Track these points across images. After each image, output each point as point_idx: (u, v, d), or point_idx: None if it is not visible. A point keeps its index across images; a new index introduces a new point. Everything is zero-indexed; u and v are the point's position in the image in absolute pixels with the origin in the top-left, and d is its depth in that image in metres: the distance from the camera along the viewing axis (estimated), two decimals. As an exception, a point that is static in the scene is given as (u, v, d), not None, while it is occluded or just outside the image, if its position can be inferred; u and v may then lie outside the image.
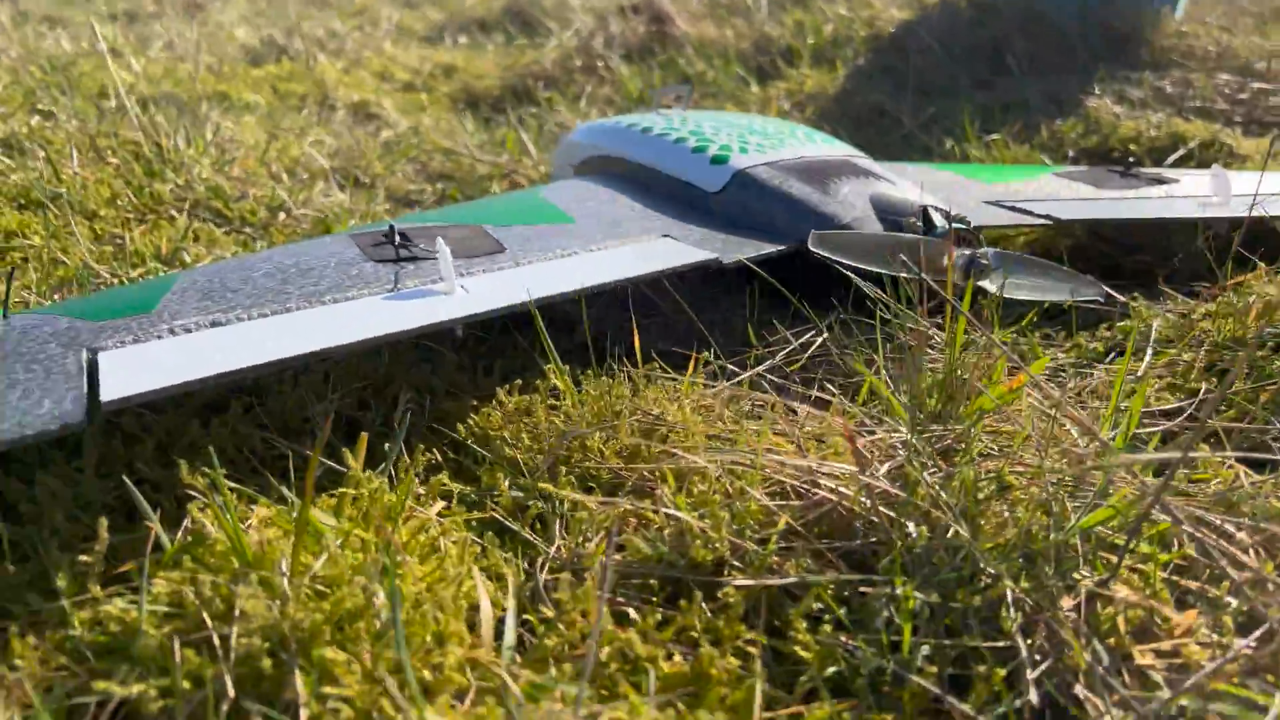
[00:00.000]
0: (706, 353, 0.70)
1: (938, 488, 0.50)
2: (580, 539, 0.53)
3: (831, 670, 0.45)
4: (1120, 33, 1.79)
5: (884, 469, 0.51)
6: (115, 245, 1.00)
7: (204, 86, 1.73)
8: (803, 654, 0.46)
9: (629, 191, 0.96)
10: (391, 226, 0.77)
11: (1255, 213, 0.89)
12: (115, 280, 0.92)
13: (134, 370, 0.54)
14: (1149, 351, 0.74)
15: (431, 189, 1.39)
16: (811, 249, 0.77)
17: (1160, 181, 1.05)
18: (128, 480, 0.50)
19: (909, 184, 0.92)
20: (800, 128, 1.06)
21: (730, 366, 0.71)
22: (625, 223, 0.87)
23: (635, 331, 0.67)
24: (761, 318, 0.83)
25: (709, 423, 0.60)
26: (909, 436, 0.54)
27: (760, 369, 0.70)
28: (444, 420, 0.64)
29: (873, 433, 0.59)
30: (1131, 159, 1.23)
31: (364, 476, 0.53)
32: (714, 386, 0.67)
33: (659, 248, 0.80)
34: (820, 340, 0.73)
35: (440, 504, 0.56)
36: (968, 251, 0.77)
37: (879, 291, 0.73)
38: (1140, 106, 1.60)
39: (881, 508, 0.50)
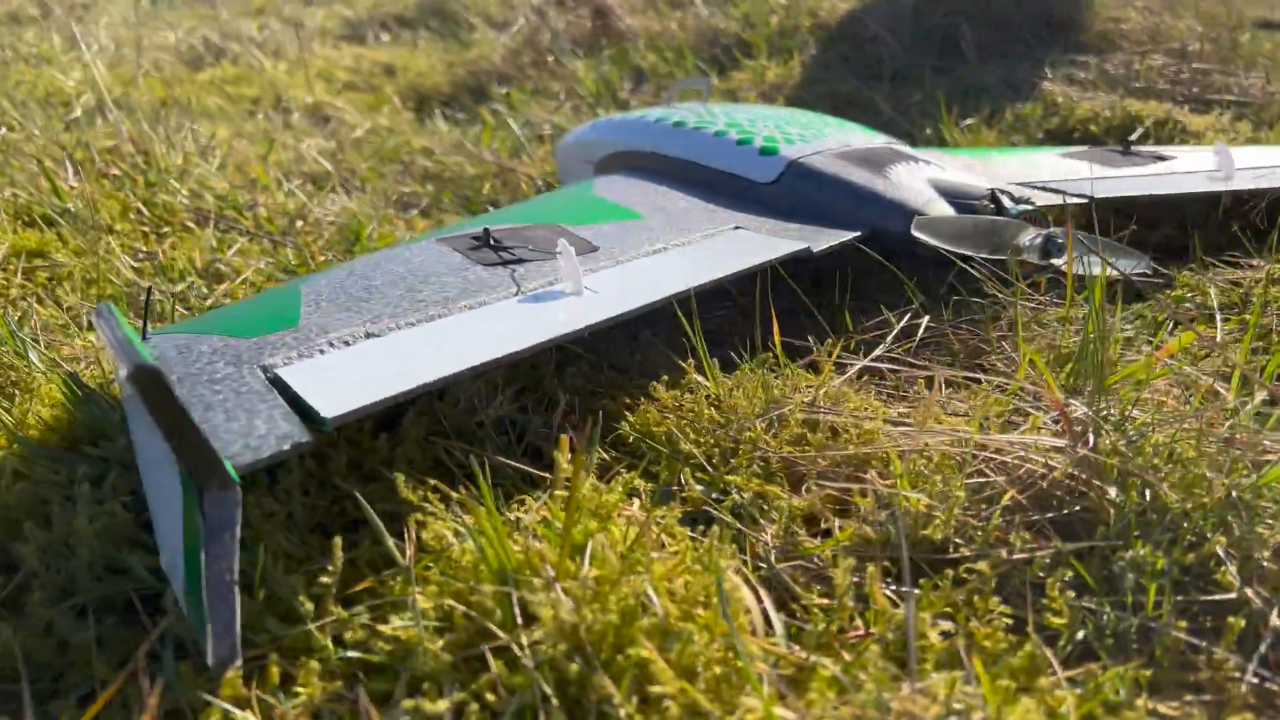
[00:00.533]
0: (831, 340, 0.71)
1: (1131, 455, 0.53)
2: (785, 526, 0.54)
3: (1080, 634, 0.48)
4: (1059, 17, 1.87)
5: (1091, 441, 0.54)
6: (142, 260, 0.96)
7: (156, 92, 1.66)
8: (1055, 621, 0.48)
9: (677, 186, 0.97)
10: (486, 230, 0.77)
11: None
12: (164, 297, 0.88)
13: (329, 385, 0.53)
14: (1219, 318, 0.78)
15: (421, 190, 1.37)
16: (915, 234, 0.79)
17: (1161, 158, 1.11)
18: (361, 498, 0.49)
19: (955, 169, 0.96)
20: (830, 118, 1.09)
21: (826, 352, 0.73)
22: (692, 216, 0.87)
23: (775, 321, 0.68)
24: (809, 304, 0.84)
25: (880, 406, 0.62)
26: (1090, 409, 0.56)
27: (879, 352, 0.72)
28: (602, 418, 0.64)
29: (1035, 408, 0.61)
30: (1129, 139, 1.29)
31: (578, 479, 0.53)
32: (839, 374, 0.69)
33: (748, 241, 0.82)
34: (923, 323, 0.76)
35: (635, 501, 0.56)
36: (1044, 231, 0.81)
37: (973, 270, 0.76)
38: (1090, 88, 1.68)
39: (1093, 479, 0.52)
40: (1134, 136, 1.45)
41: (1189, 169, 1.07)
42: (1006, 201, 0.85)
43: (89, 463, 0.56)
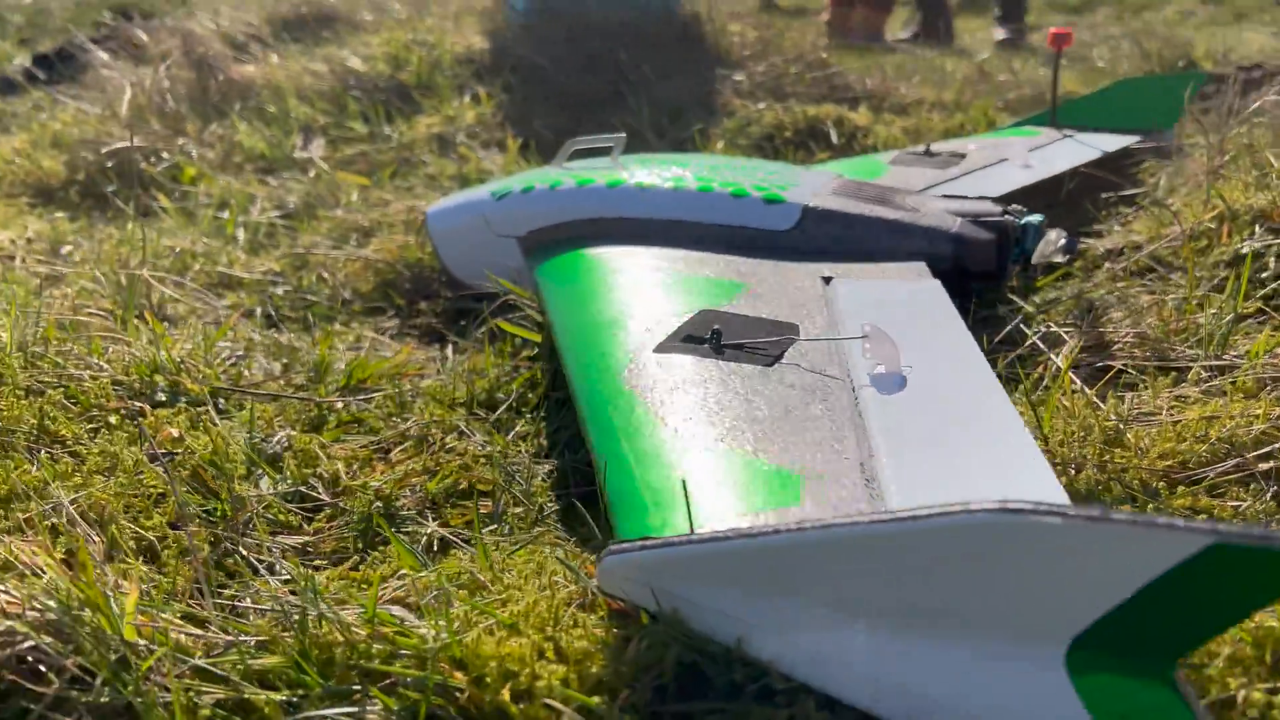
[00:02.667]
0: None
1: None
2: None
3: None
4: (689, 34, 2.06)
5: None
6: (168, 462, 0.72)
7: None
8: None
9: (690, 247, 0.97)
10: (716, 330, 0.73)
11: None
12: (253, 496, 0.68)
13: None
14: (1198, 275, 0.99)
15: (236, 299, 1.16)
16: (1034, 261, 0.90)
17: (960, 155, 1.31)
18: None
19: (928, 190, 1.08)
20: (755, 160, 1.14)
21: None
22: (791, 277, 0.89)
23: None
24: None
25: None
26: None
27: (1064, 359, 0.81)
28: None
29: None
30: (927, 145, 1.46)
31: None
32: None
33: (918, 288, 0.85)
34: (1052, 328, 0.87)
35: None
36: (1063, 233, 0.96)
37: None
38: (753, 98, 1.88)
39: None
40: (834, 137, 1.68)
41: (994, 160, 1.28)
42: (1019, 217, 0.98)
43: None
